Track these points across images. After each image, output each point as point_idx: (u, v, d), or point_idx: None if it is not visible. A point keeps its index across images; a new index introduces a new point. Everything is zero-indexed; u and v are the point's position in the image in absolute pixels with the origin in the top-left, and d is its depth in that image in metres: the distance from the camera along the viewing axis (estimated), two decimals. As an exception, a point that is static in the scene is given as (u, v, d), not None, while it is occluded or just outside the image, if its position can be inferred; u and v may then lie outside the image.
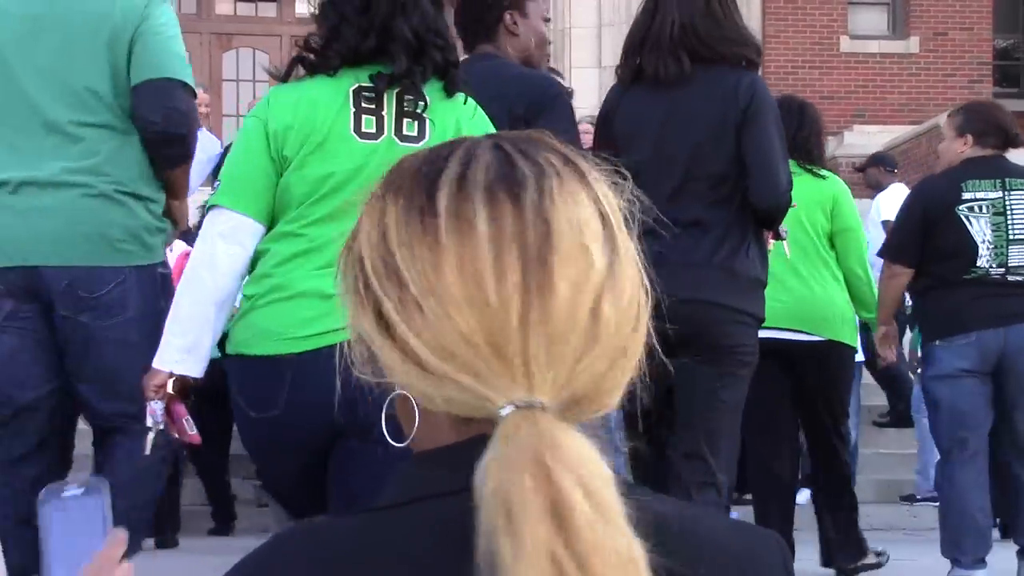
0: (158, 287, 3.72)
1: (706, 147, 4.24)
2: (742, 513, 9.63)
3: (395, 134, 3.16)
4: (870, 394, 9.76)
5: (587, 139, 6.15)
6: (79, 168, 3.67)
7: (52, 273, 3.65)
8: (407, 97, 3.17)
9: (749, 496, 9.88)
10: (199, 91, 14.18)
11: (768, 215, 4.28)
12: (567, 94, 4.48)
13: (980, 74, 16.13)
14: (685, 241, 4.12)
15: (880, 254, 5.76)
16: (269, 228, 3.15)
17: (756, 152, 4.22)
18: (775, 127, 4.28)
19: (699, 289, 4.14)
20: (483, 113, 3.30)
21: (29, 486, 3.58)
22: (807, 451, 6.27)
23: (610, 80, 6.55)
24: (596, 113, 5.35)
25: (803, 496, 9.59)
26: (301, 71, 3.30)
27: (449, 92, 3.22)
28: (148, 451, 3.20)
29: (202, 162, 11.51)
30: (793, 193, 4.34)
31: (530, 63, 4.50)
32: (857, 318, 6.05)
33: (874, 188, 11.11)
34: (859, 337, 6.16)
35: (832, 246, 5.93)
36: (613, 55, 15.48)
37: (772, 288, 4.58)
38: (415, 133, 3.18)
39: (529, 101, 4.17)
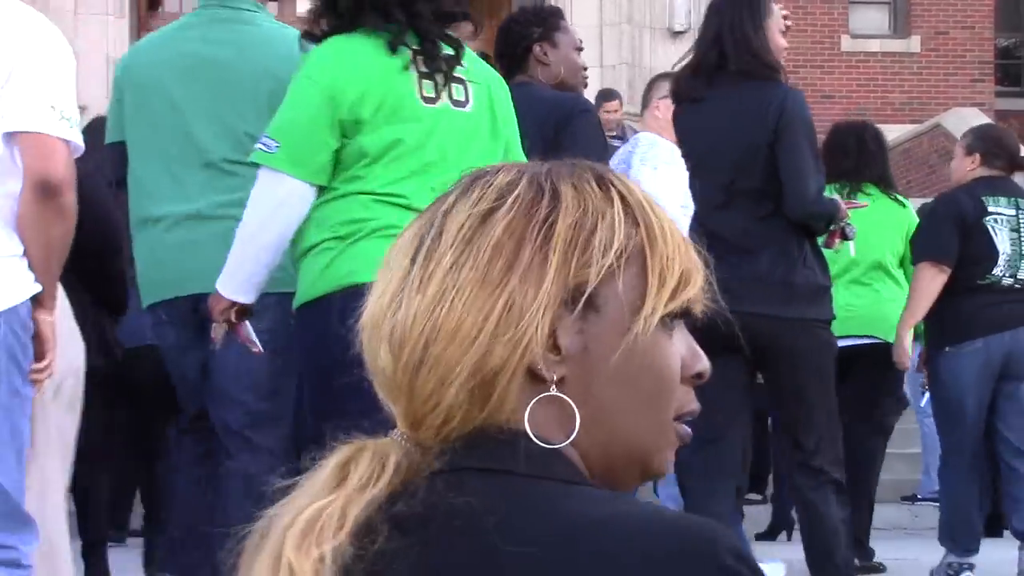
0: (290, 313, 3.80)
1: (745, 163, 4.49)
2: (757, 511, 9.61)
3: (449, 99, 3.35)
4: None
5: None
6: (231, 201, 3.83)
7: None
8: (446, 62, 3.34)
9: (757, 495, 9.91)
10: None
11: (801, 224, 4.49)
12: (589, 108, 4.73)
13: (982, 73, 16.13)
14: (742, 257, 4.39)
15: (921, 258, 5.90)
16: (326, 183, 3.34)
17: (785, 166, 4.43)
18: (805, 140, 4.47)
19: (764, 304, 4.35)
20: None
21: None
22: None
23: (610, 79, 6.65)
24: (598, 112, 5.50)
25: None
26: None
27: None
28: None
29: None
30: (876, 217, 4.73)
31: (563, 90, 4.81)
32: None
33: None
34: None
35: (901, 264, 6.47)
36: (614, 54, 15.48)
37: (842, 298, 4.91)
38: (463, 98, 3.38)
39: (556, 121, 4.51)
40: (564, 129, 4.52)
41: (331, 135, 3.29)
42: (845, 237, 4.80)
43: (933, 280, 5.78)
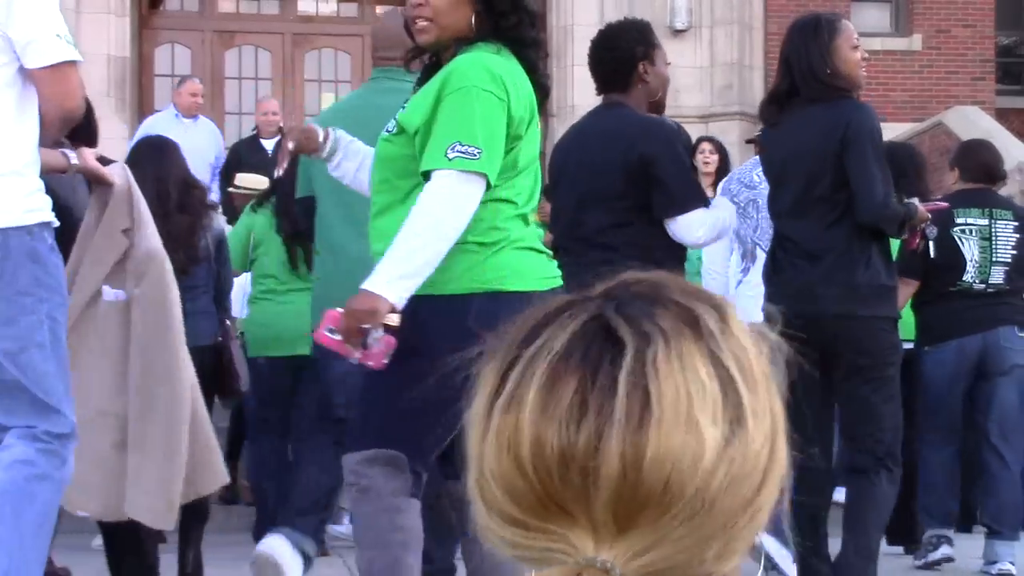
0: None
1: (816, 173, 4.83)
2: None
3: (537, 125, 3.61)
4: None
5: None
6: None
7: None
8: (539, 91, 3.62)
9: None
10: (194, 82, 14.02)
11: (872, 228, 4.80)
12: (678, 140, 4.93)
13: (983, 71, 16.12)
14: (811, 260, 4.75)
15: None
16: None
17: (854, 174, 4.76)
18: (871, 150, 4.78)
19: (828, 304, 4.67)
20: None
21: None
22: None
23: None
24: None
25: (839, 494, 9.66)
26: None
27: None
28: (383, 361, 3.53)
29: (208, 160, 11.53)
30: None
31: (659, 105, 5.05)
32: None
33: None
34: None
35: None
36: (615, 53, 15.49)
37: None
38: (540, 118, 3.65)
39: (640, 151, 4.76)
40: (651, 163, 4.77)
41: (507, 147, 3.49)
42: (925, 238, 5.17)
43: (903, 289, 6.10)
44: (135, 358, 4.61)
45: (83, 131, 5.06)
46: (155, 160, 5.83)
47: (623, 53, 5.01)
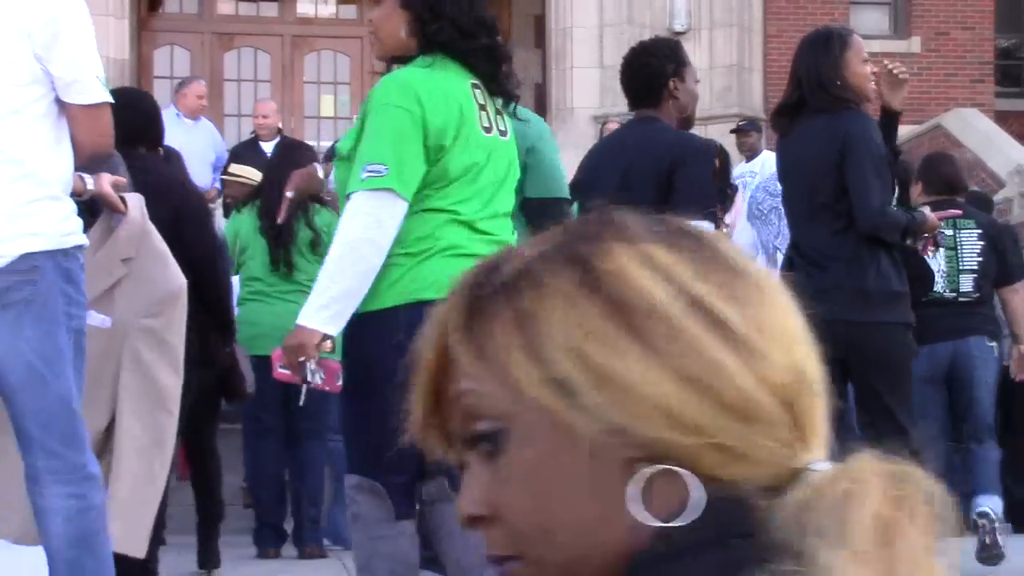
0: None
1: (818, 183, 5.02)
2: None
3: (497, 130, 3.69)
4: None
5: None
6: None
7: None
8: (498, 97, 3.70)
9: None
10: (198, 83, 14.02)
11: (872, 235, 4.94)
12: (704, 155, 5.08)
13: (982, 74, 16.12)
14: (820, 267, 4.91)
15: None
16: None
17: (851, 183, 4.95)
18: (868, 160, 4.95)
19: (840, 310, 4.77)
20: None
21: None
22: None
23: (611, 79, 6.87)
24: (598, 112, 5.69)
25: None
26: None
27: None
28: (302, 403, 3.71)
29: (209, 160, 11.52)
30: None
31: (688, 120, 5.27)
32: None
33: (748, 153, 11.60)
34: None
35: None
36: (614, 54, 15.46)
37: None
38: (505, 128, 3.74)
39: (671, 160, 4.92)
40: (677, 171, 4.92)
41: (424, 159, 3.55)
42: (937, 245, 5.36)
43: None
44: (134, 383, 4.58)
45: (147, 135, 5.54)
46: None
47: (654, 70, 5.17)
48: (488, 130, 3.67)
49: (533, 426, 0.98)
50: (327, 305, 3.54)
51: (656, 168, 5.00)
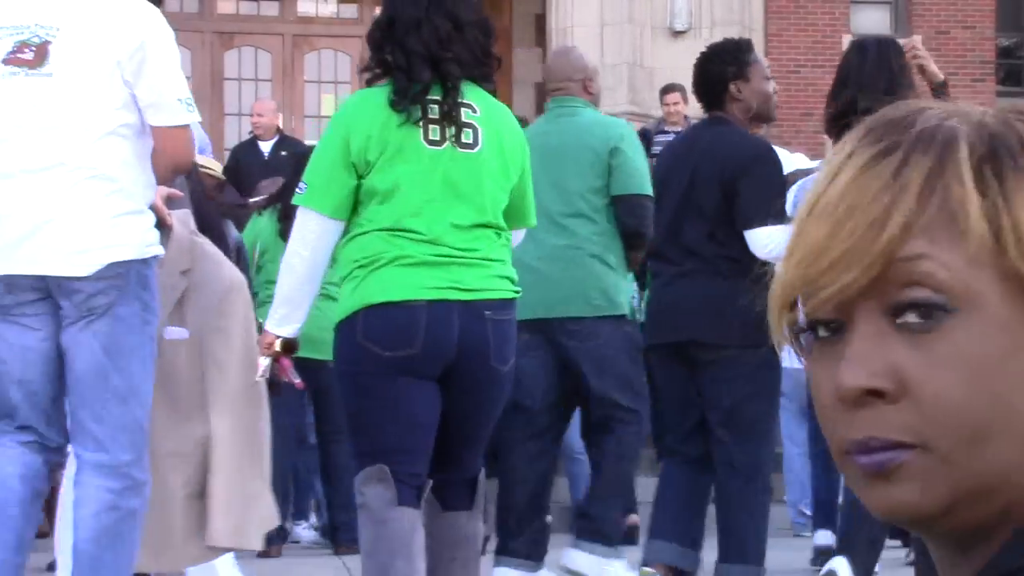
0: (628, 333, 5.57)
1: None
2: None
3: (455, 142, 3.85)
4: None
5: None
6: (567, 245, 5.48)
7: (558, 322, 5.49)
8: (461, 109, 3.84)
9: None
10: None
11: None
12: (768, 159, 5.25)
13: (983, 73, 16.11)
14: None
15: None
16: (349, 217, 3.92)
17: None
18: None
19: None
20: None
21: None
22: None
23: (611, 79, 7.07)
24: (598, 112, 5.87)
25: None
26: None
27: (491, 93, 3.97)
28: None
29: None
30: None
31: (759, 118, 5.47)
32: None
33: None
34: None
35: None
36: (614, 53, 15.47)
37: None
38: (471, 140, 3.88)
39: (732, 165, 5.11)
40: (743, 177, 5.10)
41: (348, 175, 3.83)
42: None
43: None
44: (216, 384, 4.74)
45: None
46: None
47: (714, 76, 5.35)
48: (436, 143, 3.84)
49: (997, 313, 0.88)
50: (275, 308, 4.06)
51: (719, 172, 5.15)
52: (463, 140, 3.87)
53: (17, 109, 3.81)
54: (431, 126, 3.83)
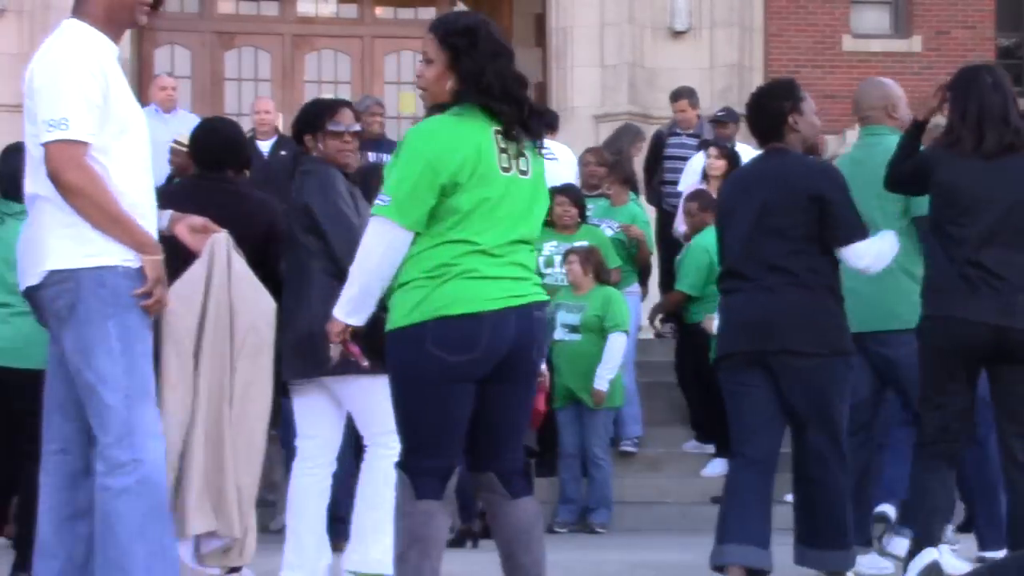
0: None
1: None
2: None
3: (517, 170, 4.32)
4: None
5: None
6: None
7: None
8: (521, 140, 4.34)
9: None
10: (161, 77, 14.12)
11: None
12: (843, 179, 5.76)
13: (983, 73, 16.11)
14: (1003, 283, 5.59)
15: None
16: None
17: None
18: None
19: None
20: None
21: None
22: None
23: (611, 78, 7.14)
24: (599, 112, 5.88)
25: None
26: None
27: (532, 136, 4.41)
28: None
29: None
30: None
31: (812, 150, 6.05)
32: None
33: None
34: None
35: None
36: (615, 54, 15.46)
37: None
38: (526, 168, 4.35)
39: (813, 190, 5.62)
40: (828, 199, 5.62)
41: (432, 194, 4.24)
42: None
43: None
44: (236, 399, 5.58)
45: (233, 159, 6.11)
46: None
47: (773, 110, 5.82)
48: (507, 170, 4.31)
49: None
50: (346, 302, 4.43)
51: (795, 197, 5.63)
52: (521, 168, 4.35)
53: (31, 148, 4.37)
54: (503, 155, 4.32)
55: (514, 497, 4.39)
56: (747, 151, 12.20)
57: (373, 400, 5.48)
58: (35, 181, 4.33)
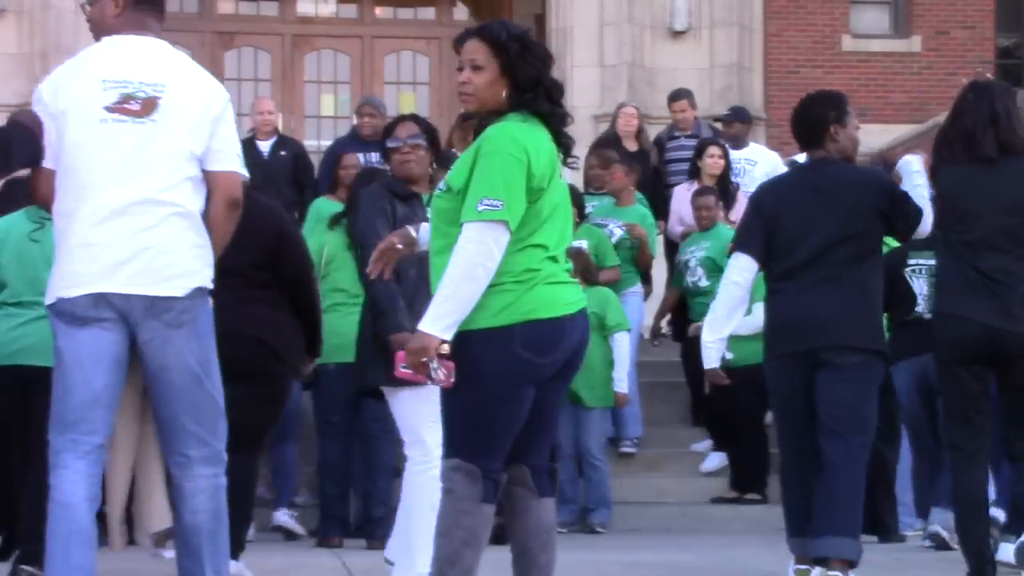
0: None
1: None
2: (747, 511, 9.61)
3: (560, 177, 4.43)
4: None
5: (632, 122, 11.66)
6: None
7: None
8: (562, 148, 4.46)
9: (757, 495, 9.89)
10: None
11: None
12: (890, 182, 6.06)
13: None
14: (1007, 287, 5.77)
15: None
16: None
17: None
18: None
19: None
20: None
21: None
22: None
23: (611, 78, 7.20)
24: (598, 111, 5.92)
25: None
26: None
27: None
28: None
29: None
30: None
31: (850, 158, 6.13)
32: None
33: (731, 143, 11.76)
34: None
35: None
36: (614, 53, 15.47)
37: None
38: (566, 173, 4.50)
39: (882, 199, 5.92)
40: (887, 201, 5.92)
41: (525, 197, 4.31)
42: None
43: None
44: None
45: None
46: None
47: (817, 117, 6.06)
48: (560, 176, 4.43)
49: None
50: (443, 316, 4.27)
51: (857, 209, 5.88)
52: (561, 173, 4.48)
53: (123, 151, 4.49)
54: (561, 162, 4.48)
55: (541, 495, 4.50)
56: (759, 151, 12.23)
57: (414, 409, 5.74)
58: (175, 192, 4.53)
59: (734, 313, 6.19)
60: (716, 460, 10.03)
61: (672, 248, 11.13)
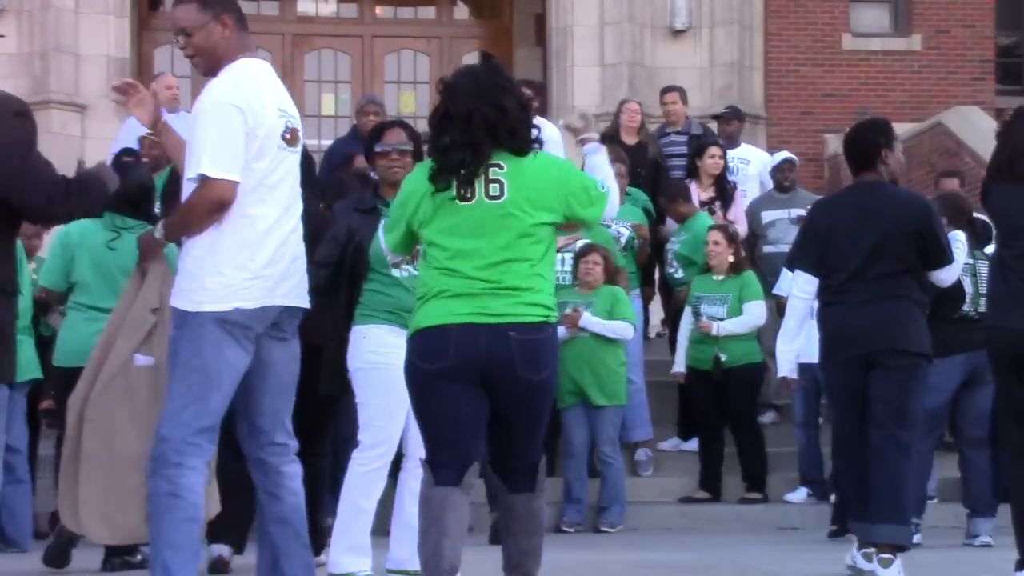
0: None
1: None
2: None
3: (485, 196, 4.74)
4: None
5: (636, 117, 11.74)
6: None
7: None
8: (489, 169, 4.75)
9: (757, 495, 9.90)
10: (165, 76, 14.10)
11: None
12: (933, 210, 6.64)
13: (982, 72, 16.11)
14: None
15: None
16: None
17: None
18: None
19: None
20: (545, 153, 5.03)
21: None
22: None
23: (611, 78, 7.24)
24: (599, 111, 5.94)
25: (799, 495, 9.82)
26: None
27: (521, 155, 4.80)
28: None
29: None
30: None
31: (895, 181, 6.71)
32: None
33: (727, 141, 11.91)
34: None
35: None
36: (615, 53, 15.46)
37: None
38: (498, 193, 4.75)
39: (917, 223, 6.48)
40: (928, 227, 6.49)
41: (405, 226, 4.89)
42: None
43: None
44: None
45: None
46: None
47: (869, 142, 6.62)
48: (467, 199, 4.76)
49: None
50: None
51: (902, 230, 6.43)
52: (491, 194, 4.75)
53: (286, 179, 4.92)
54: (465, 186, 4.76)
55: (509, 492, 4.89)
56: (751, 151, 12.28)
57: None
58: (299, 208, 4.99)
59: (803, 324, 6.96)
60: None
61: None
